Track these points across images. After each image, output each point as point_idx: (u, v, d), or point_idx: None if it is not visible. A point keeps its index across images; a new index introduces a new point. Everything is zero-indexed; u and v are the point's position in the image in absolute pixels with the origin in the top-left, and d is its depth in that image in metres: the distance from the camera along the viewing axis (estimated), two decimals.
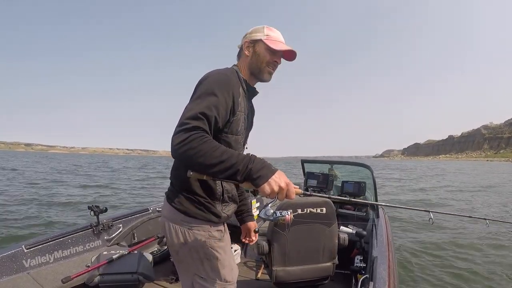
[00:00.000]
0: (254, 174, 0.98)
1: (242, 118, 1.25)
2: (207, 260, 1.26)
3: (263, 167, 0.99)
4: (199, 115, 1.05)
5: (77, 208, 8.08)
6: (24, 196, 9.70)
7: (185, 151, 0.99)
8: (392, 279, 1.65)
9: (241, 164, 0.98)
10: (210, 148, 0.99)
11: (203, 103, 1.08)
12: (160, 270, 2.72)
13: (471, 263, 4.41)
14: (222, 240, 1.31)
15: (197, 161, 0.99)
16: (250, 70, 1.32)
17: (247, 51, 1.31)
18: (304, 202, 2.06)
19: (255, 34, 1.31)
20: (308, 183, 3.66)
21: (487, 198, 11.44)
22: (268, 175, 0.98)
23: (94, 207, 2.56)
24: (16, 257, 2.05)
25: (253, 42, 1.31)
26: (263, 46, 1.29)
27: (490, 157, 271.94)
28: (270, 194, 0.98)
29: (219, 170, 0.99)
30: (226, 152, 0.99)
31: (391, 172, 27.55)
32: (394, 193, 12.72)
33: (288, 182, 1.00)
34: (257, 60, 1.30)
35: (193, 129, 1.02)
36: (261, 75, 1.32)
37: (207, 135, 1.03)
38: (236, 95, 1.19)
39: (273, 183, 0.97)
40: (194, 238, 1.24)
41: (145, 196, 10.98)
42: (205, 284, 1.26)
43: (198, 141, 0.99)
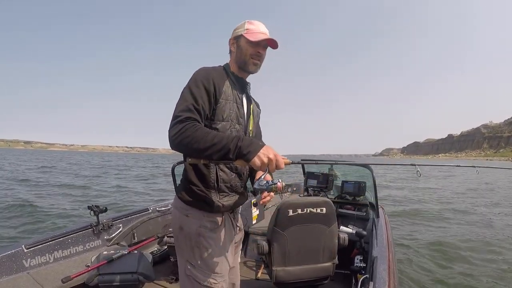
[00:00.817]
0: (244, 150, 1.09)
1: (229, 105, 1.33)
2: (197, 248, 1.32)
3: (251, 143, 1.11)
4: (189, 107, 1.19)
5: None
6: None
7: (181, 140, 1.12)
8: (392, 279, 1.65)
9: (231, 144, 1.10)
10: (203, 134, 1.11)
11: (191, 96, 1.22)
12: (160, 270, 2.72)
13: (471, 261, 4.42)
14: (215, 231, 1.34)
15: (192, 147, 1.11)
16: (238, 64, 1.42)
17: (232, 47, 1.43)
18: (304, 202, 2.06)
19: (237, 31, 1.41)
20: (308, 183, 3.66)
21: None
22: (257, 149, 1.09)
23: (94, 207, 2.56)
24: (16, 257, 2.05)
25: (236, 38, 1.41)
26: (244, 40, 1.38)
27: (489, 156, 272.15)
28: (261, 166, 1.09)
29: (212, 152, 1.11)
30: (217, 135, 1.12)
31: (390, 171, 27.44)
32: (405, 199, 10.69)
33: (276, 153, 1.12)
34: (241, 54, 1.39)
35: (186, 120, 1.15)
36: (247, 67, 1.41)
37: (199, 124, 1.17)
38: (218, 85, 1.29)
39: (262, 156, 1.08)
40: (188, 225, 1.33)
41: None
42: (194, 271, 1.33)
43: (192, 130, 1.12)
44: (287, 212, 2.00)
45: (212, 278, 1.32)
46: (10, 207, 7.69)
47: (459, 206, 9.33)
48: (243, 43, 1.38)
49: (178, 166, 3.16)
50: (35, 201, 8.52)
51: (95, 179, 16.64)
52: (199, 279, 1.32)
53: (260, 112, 1.59)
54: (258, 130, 1.58)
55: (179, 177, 3.33)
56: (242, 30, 1.39)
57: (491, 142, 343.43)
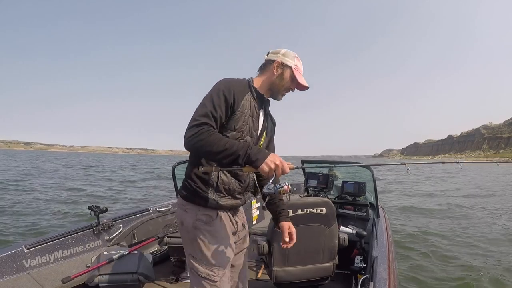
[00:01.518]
0: (253, 157, 1.20)
1: (244, 118, 1.38)
2: (195, 241, 1.40)
3: (259, 151, 1.22)
4: (207, 113, 1.28)
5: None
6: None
7: (195, 143, 1.22)
8: (392, 279, 1.65)
9: (241, 150, 1.21)
10: (216, 139, 1.21)
11: (211, 103, 1.30)
12: (160, 270, 2.72)
13: (471, 260, 4.41)
14: (210, 224, 1.41)
15: (205, 150, 1.22)
16: (270, 87, 1.49)
17: (276, 70, 1.47)
18: (304, 203, 2.07)
19: (287, 60, 1.47)
20: (308, 183, 3.66)
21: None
22: (264, 156, 1.21)
23: (94, 207, 2.56)
24: (16, 257, 2.05)
25: (284, 66, 1.47)
26: (290, 73, 1.47)
27: (489, 157, 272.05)
28: (269, 172, 1.20)
29: (223, 156, 1.21)
30: (229, 142, 1.23)
31: (391, 172, 27.40)
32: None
33: (281, 160, 1.23)
34: (280, 82, 1.47)
35: (202, 125, 1.24)
36: (277, 95, 1.51)
37: (214, 130, 1.26)
38: (238, 97, 1.35)
39: (269, 162, 1.20)
40: (186, 220, 1.42)
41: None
42: (195, 264, 1.40)
43: (206, 134, 1.22)
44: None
45: (210, 270, 1.38)
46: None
47: (459, 205, 9.34)
48: (287, 75, 1.46)
49: (178, 166, 3.16)
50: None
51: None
52: (199, 270, 1.39)
53: (274, 129, 1.65)
54: (271, 145, 1.64)
55: (179, 179, 3.33)
56: (292, 62, 1.46)
57: (491, 143, 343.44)
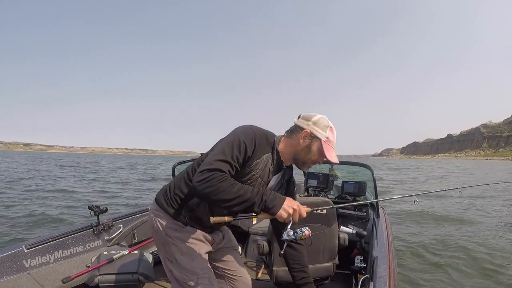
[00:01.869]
0: (270, 204, 1.14)
1: (251, 176, 1.31)
2: (168, 246, 1.41)
3: (275, 197, 1.16)
4: (224, 159, 1.19)
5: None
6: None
7: (205, 188, 1.13)
8: (392, 279, 1.65)
9: (257, 197, 1.14)
10: (228, 185, 1.13)
11: (230, 151, 1.22)
12: (160, 270, 2.71)
13: (472, 260, 4.41)
14: (180, 231, 1.41)
15: (216, 197, 1.13)
16: (295, 156, 1.37)
17: (302, 140, 1.33)
18: (304, 202, 2.06)
19: (318, 130, 1.32)
20: (308, 183, 3.66)
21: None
22: (281, 202, 1.16)
23: (94, 207, 2.56)
24: (16, 257, 2.05)
25: (312, 137, 1.32)
26: (319, 146, 1.33)
27: (489, 156, 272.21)
28: (286, 218, 1.16)
29: (236, 204, 1.13)
30: (242, 188, 1.15)
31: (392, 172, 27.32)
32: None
33: (298, 204, 1.20)
34: (306, 154, 1.35)
35: (215, 170, 1.15)
36: (302, 166, 1.41)
37: (226, 174, 1.16)
38: (256, 154, 1.28)
39: (287, 208, 1.16)
40: (156, 225, 1.43)
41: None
42: (171, 267, 1.42)
43: (217, 179, 1.12)
44: None
45: (185, 274, 1.39)
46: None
47: (460, 205, 9.34)
48: (315, 147, 1.33)
49: (178, 166, 3.16)
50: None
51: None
52: (176, 274, 1.40)
53: (292, 194, 1.54)
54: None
55: None
56: (323, 134, 1.32)
57: (490, 141, 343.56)
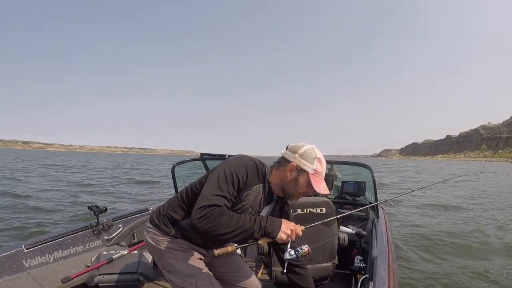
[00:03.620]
0: (269, 229, 1.22)
1: (241, 206, 1.35)
2: (163, 255, 1.46)
3: (272, 221, 1.25)
4: (222, 195, 1.23)
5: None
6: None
7: (204, 225, 1.17)
8: (392, 279, 1.65)
9: (255, 225, 1.21)
10: (227, 219, 1.18)
11: (225, 185, 1.25)
12: (160, 270, 2.72)
13: (472, 260, 4.42)
14: (172, 242, 1.45)
15: (215, 233, 1.18)
16: (283, 188, 1.40)
17: (289, 174, 1.35)
18: (304, 202, 2.07)
19: (304, 163, 1.33)
20: None
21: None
22: (279, 226, 1.24)
23: (94, 207, 2.55)
24: (16, 257, 2.04)
25: (299, 170, 1.33)
26: (306, 179, 1.34)
27: (488, 157, 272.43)
28: (286, 239, 1.25)
29: (237, 235, 1.20)
30: (240, 219, 1.20)
31: (394, 175, 27.14)
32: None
33: (293, 224, 1.28)
34: (293, 186, 1.37)
35: (213, 206, 1.19)
36: (290, 198, 1.44)
37: (224, 208, 1.20)
38: (248, 186, 1.33)
39: (285, 230, 1.24)
40: (149, 240, 1.48)
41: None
42: (170, 276, 1.47)
43: (216, 215, 1.17)
44: None
45: (184, 279, 1.43)
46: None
47: (461, 205, 9.34)
48: (303, 180, 1.34)
49: (178, 166, 3.16)
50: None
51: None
52: (176, 282, 1.46)
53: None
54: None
55: (179, 178, 3.31)
56: (310, 166, 1.32)
57: (489, 143, 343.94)
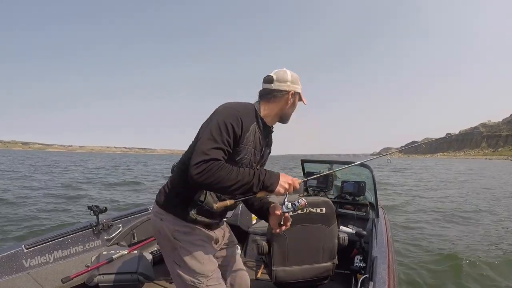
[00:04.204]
0: (268, 183, 1.24)
1: (246, 150, 1.35)
2: (176, 250, 1.39)
3: (271, 175, 1.26)
4: (217, 146, 1.23)
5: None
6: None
7: (204, 180, 1.17)
8: (392, 279, 1.65)
9: (255, 179, 1.23)
10: (226, 173, 1.19)
11: (219, 136, 1.25)
12: (160, 270, 2.72)
13: (472, 260, 4.42)
14: (189, 234, 1.39)
15: (216, 186, 1.19)
16: (281, 115, 1.47)
17: (290, 101, 1.44)
18: None
19: (296, 87, 1.45)
20: (308, 183, 3.66)
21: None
22: (277, 179, 1.26)
23: (93, 207, 2.55)
24: (16, 257, 2.04)
25: (295, 94, 1.44)
26: (298, 98, 1.47)
27: (488, 155, 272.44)
28: (283, 193, 1.27)
29: (236, 188, 1.21)
30: (239, 173, 1.21)
31: (394, 174, 27.04)
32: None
33: (291, 178, 1.30)
34: (291, 109, 1.47)
35: (211, 160, 1.19)
36: (287, 120, 1.50)
37: (222, 162, 1.21)
38: (245, 130, 1.32)
39: (283, 183, 1.26)
40: (163, 229, 1.40)
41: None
42: (180, 271, 1.40)
43: (216, 169, 1.17)
44: None
45: (195, 278, 1.38)
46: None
47: (461, 205, 9.34)
48: (296, 101, 1.46)
49: None
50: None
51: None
52: (185, 278, 1.39)
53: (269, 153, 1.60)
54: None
55: None
56: (299, 87, 1.45)
57: (489, 141, 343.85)
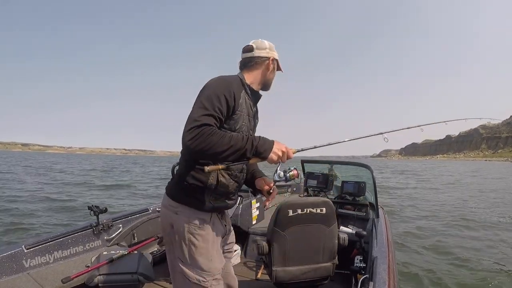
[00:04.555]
0: (261, 149, 1.22)
1: (243, 117, 1.38)
2: (185, 244, 1.36)
3: (265, 141, 1.25)
4: (208, 113, 1.23)
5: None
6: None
7: (197, 145, 1.17)
8: (392, 279, 1.66)
9: (248, 144, 1.21)
10: (219, 138, 1.18)
11: (210, 104, 1.25)
12: (160, 270, 2.72)
13: (472, 260, 4.42)
14: (203, 228, 1.37)
15: (208, 152, 1.18)
16: (264, 82, 1.52)
17: (270, 67, 1.50)
18: (304, 202, 2.07)
19: (274, 53, 1.51)
20: (308, 183, 3.67)
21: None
22: (271, 146, 1.24)
23: (94, 207, 2.55)
24: (16, 257, 2.04)
25: (274, 60, 1.51)
26: (277, 65, 1.52)
27: (488, 157, 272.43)
28: (277, 160, 1.25)
29: (229, 154, 1.20)
30: (232, 138, 1.21)
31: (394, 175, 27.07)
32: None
33: (285, 146, 1.28)
34: (272, 75, 1.53)
35: (203, 126, 1.19)
36: (269, 87, 1.56)
37: (215, 128, 1.21)
38: (237, 97, 1.34)
39: (277, 151, 1.24)
40: (177, 222, 1.37)
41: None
42: (184, 268, 1.37)
43: (207, 134, 1.17)
44: (287, 212, 2.00)
45: (201, 276, 1.35)
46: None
47: (462, 205, 9.34)
48: (275, 67, 1.52)
49: (178, 166, 3.16)
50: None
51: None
52: (189, 276, 1.35)
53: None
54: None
55: None
56: (276, 54, 1.51)
57: (489, 142, 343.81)
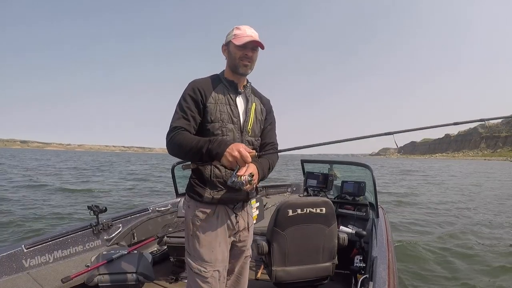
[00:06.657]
0: (214, 151, 1.26)
1: (219, 108, 1.45)
2: (190, 236, 1.47)
3: (220, 144, 1.26)
4: (179, 117, 1.39)
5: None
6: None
7: (170, 148, 1.36)
8: (392, 279, 1.66)
9: (204, 147, 1.27)
10: (185, 141, 1.31)
11: (179, 108, 1.42)
12: (160, 270, 2.72)
13: (472, 260, 4.43)
14: (206, 221, 1.45)
15: (178, 153, 1.35)
16: (230, 68, 1.53)
17: (225, 54, 1.55)
18: (304, 202, 2.07)
19: (227, 38, 1.53)
20: (308, 183, 3.67)
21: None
22: (224, 149, 1.24)
23: (93, 206, 2.55)
24: (15, 257, 2.04)
25: (227, 44, 1.53)
26: (233, 45, 1.49)
27: (487, 156, 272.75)
28: (232, 164, 1.25)
29: (192, 155, 1.31)
30: (194, 141, 1.30)
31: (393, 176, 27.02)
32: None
33: (240, 149, 1.23)
34: (231, 58, 1.51)
35: (174, 130, 1.36)
36: (237, 69, 1.50)
37: (184, 131, 1.36)
38: (205, 91, 1.44)
39: (228, 155, 1.23)
40: (187, 216, 1.50)
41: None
42: (189, 259, 1.47)
43: (176, 138, 1.33)
44: (286, 212, 2.00)
45: (201, 266, 1.43)
46: None
47: (461, 206, 9.36)
48: (232, 48, 1.50)
49: (177, 166, 3.16)
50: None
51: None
52: (192, 266, 1.44)
53: (265, 109, 1.63)
54: (267, 126, 1.63)
55: (179, 178, 3.31)
56: (230, 36, 1.50)
57: (488, 142, 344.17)
